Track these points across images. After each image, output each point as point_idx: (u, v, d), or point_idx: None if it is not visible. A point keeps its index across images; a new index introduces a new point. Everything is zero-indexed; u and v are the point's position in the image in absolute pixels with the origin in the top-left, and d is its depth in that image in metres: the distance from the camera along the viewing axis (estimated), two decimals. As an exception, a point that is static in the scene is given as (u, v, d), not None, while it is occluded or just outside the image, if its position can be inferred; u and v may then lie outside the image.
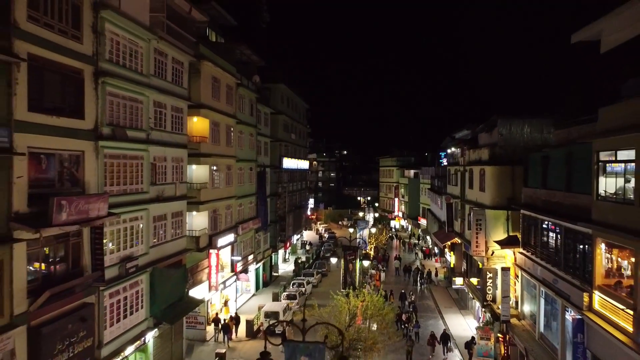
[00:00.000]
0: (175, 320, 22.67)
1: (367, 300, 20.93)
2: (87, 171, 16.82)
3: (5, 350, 13.29)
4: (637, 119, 12.80)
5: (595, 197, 15.10)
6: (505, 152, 26.17)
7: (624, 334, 12.99)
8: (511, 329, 23.06)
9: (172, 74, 23.34)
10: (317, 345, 9.48)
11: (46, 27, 14.77)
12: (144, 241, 20.67)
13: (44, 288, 14.60)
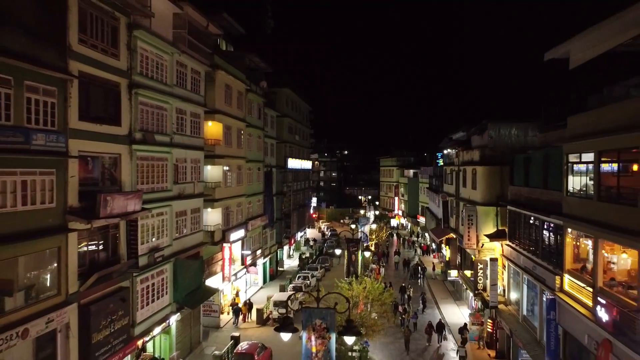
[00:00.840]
0: (195, 306, 25.10)
1: (369, 286, 23.31)
2: (123, 171, 19.25)
3: (62, 323, 15.70)
4: (595, 127, 15.18)
5: (565, 193, 17.50)
6: (494, 154, 28.55)
7: (586, 309, 15.39)
8: (499, 314, 25.48)
9: (191, 83, 25.75)
10: (329, 310, 11.88)
11: (92, 47, 17.20)
12: (168, 234, 23.07)
13: (90, 272, 17.03)
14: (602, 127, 14.69)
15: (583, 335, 15.61)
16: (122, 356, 18.83)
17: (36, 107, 14.51)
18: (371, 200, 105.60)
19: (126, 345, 19.00)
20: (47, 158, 14.81)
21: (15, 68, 13.51)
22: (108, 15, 18.06)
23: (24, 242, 13.94)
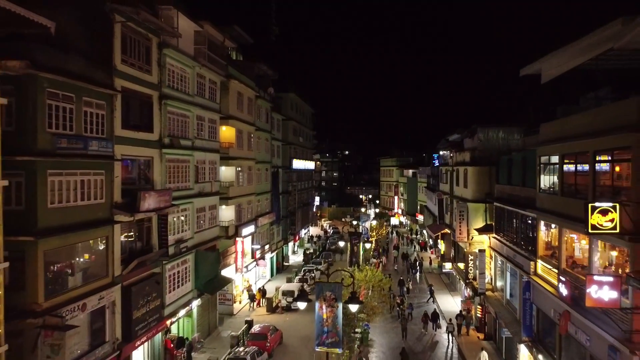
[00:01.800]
0: (214, 292, 27.97)
1: (369, 274, 26.14)
2: (155, 172, 22.11)
3: (110, 301, 18.55)
4: (559, 134, 18.01)
5: (538, 190, 20.33)
6: (483, 155, 31.36)
7: (553, 287, 18.21)
8: (486, 300, 28.29)
9: (209, 92, 28.61)
10: (337, 284, 14.71)
11: (131, 65, 20.07)
12: (190, 228, 25.93)
13: (130, 259, 19.88)
14: (564, 134, 17.53)
15: (550, 310, 18.44)
16: (154, 333, 21.71)
17: (90, 118, 17.36)
18: (372, 199, 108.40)
19: (158, 323, 21.88)
20: (99, 161, 17.66)
21: (76, 87, 16.37)
22: (143, 37, 20.92)
23: (82, 232, 16.79)
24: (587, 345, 15.09)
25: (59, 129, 15.72)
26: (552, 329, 18.74)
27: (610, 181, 14.40)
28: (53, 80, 15.27)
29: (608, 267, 15.21)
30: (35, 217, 14.80)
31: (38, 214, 14.84)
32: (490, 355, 25.38)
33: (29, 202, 14.82)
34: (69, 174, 16.14)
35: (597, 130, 14.75)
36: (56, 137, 15.52)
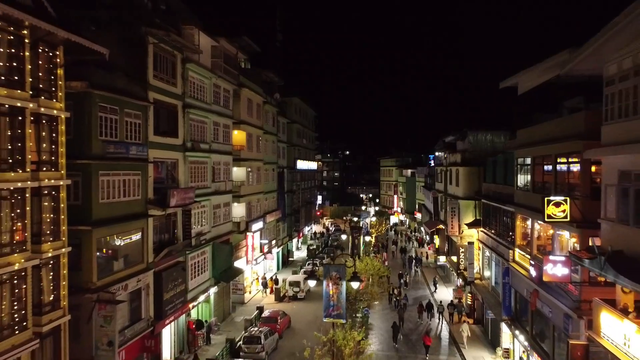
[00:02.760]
0: (229, 280, 30.96)
1: (369, 263, 29.10)
2: (180, 172, 25.11)
3: (145, 284, 21.53)
4: (530, 139, 20.98)
5: (515, 187, 23.30)
6: (473, 156, 34.32)
7: (525, 270, 21.17)
8: (475, 287, 31.27)
9: (223, 100, 31.59)
10: (341, 265, 17.67)
11: (160, 79, 23.07)
12: (208, 222, 28.90)
13: (160, 248, 22.85)
14: (534, 140, 20.49)
15: (524, 290, 21.40)
16: (180, 314, 24.71)
17: (130, 127, 20.36)
18: (372, 198, 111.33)
19: (183, 306, 24.88)
20: (137, 163, 20.65)
21: (120, 101, 19.37)
22: (170, 54, 23.92)
23: (124, 223, 19.78)
24: (550, 317, 18.05)
25: (107, 137, 18.73)
26: (526, 308, 21.69)
27: (567, 179, 17.36)
28: (104, 96, 18.28)
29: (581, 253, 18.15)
30: (90, 210, 17.79)
31: (92, 208, 17.84)
32: (476, 334, 28.35)
33: (85, 198, 17.81)
34: (114, 174, 19.13)
35: (558, 137, 17.72)
36: (105, 144, 18.53)
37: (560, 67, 14.96)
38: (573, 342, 14.20)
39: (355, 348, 17.20)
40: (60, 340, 16.45)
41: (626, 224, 12.13)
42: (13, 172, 13.95)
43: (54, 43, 15.78)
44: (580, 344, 14.02)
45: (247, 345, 25.20)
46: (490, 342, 28.00)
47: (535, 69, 18.02)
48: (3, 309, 13.76)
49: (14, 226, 14.06)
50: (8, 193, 13.85)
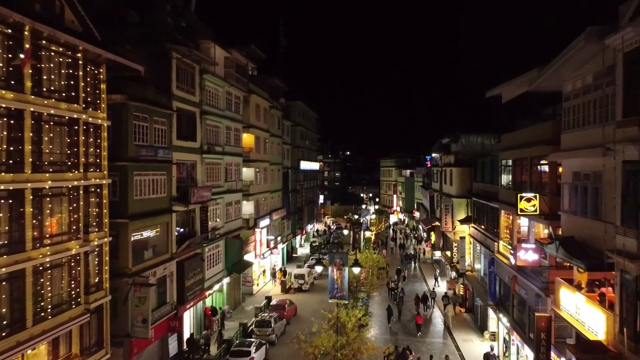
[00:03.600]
0: (240, 271, 33.70)
1: (369, 256, 31.81)
2: (198, 173, 27.84)
3: (169, 271, 24.24)
4: (511, 144, 23.69)
5: (500, 186, 26.01)
6: (465, 158, 37.01)
7: (507, 260, 23.88)
8: (466, 278, 33.98)
9: (234, 106, 34.31)
10: (344, 254, 20.38)
11: (181, 90, 25.80)
12: (221, 218, 31.62)
13: (181, 240, 25.56)
14: (514, 144, 23.21)
15: (506, 277, 24.11)
16: (198, 300, 27.42)
17: (158, 132, 23.09)
18: (372, 198, 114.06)
19: (201, 293, 27.60)
20: (163, 164, 23.37)
21: (150, 110, 22.10)
22: (189, 67, 26.66)
23: (153, 217, 22.49)
24: (526, 298, 20.75)
25: (140, 142, 21.46)
26: (508, 293, 24.38)
27: (540, 179, 20.07)
28: (137, 106, 21.02)
29: (543, 240, 20.85)
30: (126, 205, 20.51)
31: (129, 203, 20.57)
32: (467, 321, 31.05)
33: (122, 194, 20.52)
34: (145, 174, 21.86)
35: (532, 142, 20.43)
36: (138, 148, 21.26)
37: (530, 84, 17.66)
38: (538, 315, 16.88)
39: (356, 323, 19.90)
40: (103, 317, 19.17)
41: (576, 214, 14.82)
42: (70, 172, 16.68)
43: (98, 62, 18.50)
44: (544, 315, 16.70)
45: (258, 328, 27.92)
46: (479, 327, 30.70)
47: (512, 82, 20.69)
48: (63, 287, 16.49)
49: (71, 218, 16.80)
50: (67, 190, 16.58)
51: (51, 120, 15.82)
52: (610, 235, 12.39)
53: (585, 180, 14.47)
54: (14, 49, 14.24)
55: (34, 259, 14.92)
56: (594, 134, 13.52)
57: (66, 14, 17.27)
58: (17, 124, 14.38)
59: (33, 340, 14.87)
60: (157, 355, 23.89)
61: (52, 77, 15.89)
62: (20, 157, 14.49)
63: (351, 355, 18.19)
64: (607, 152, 12.34)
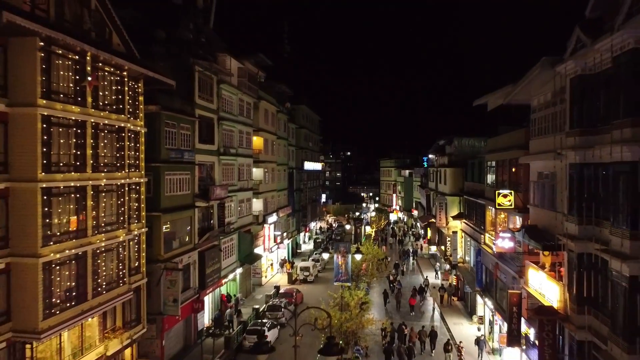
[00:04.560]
0: (251, 263, 36.91)
1: (369, 248, 35.01)
2: (216, 173, 31.04)
3: (192, 260, 27.42)
4: (494, 147, 26.86)
5: (486, 185, 29.20)
6: (458, 159, 40.18)
7: (491, 249, 27.06)
8: (458, 269, 37.16)
9: (246, 111, 37.50)
10: (347, 242, 23.57)
11: (202, 99, 29.00)
12: (235, 214, 34.80)
13: (202, 233, 28.74)
14: (497, 147, 26.40)
15: (490, 265, 27.30)
16: (216, 287, 30.62)
17: (183, 137, 26.28)
18: (372, 197, 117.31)
19: (218, 280, 30.80)
20: (188, 165, 26.57)
21: (178, 117, 25.30)
22: (208, 78, 29.85)
23: (180, 211, 25.68)
24: (505, 281, 23.93)
25: (169, 145, 24.66)
26: (492, 279, 27.58)
27: (516, 178, 23.25)
28: (168, 115, 24.23)
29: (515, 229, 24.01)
30: (159, 201, 23.71)
31: (161, 199, 23.77)
32: (458, 308, 34.21)
33: (155, 191, 23.70)
34: (174, 174, 25.07)
35: (509, 146, 23.62)
36: (169, 151, 24.47)
37: (504, 97, 20.85)
38: (511, 292, 20.04)
39: (358, 301, 23.06)
40: (141, 296, 22.38)
41: (539, 207, 17.99)
42: (118, 172, 19.89)
43: (138, 78, 21.70)
44: (515, 292, 19.86)
45: (270, 312, 31.12)
46: (469, 312, 33.88)
47: (494, 94, 23.87)
48: (112, 268, 19.69)
49: (119, 210, 20.00)
50: (116, 187, 19.78)
51: (105, 129, 19.03)
52: (561, 222, 15.56)
53: (545, 179, 17.64)
54: (79, 71, 17.43)
55: (93, 244, 18.12)
56: (551, 141, 16.65)
57: (114, 39, 20.49)
58: (81, 132, 17.57)
59: (92, 311, 18.07)
60: (182, 334, 27.14)
61: (105, 92, 19.09)
62: (83, 160, 17.68)
63: (354, 327, 21.39)
64: (558, 156, 15.51)
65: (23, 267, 15.35)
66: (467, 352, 25.71)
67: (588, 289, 13.97)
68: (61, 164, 16.60)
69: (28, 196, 15.33)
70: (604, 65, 13.03)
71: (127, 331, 21.27)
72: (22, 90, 15.25)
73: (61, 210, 16.57)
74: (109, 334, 20.19)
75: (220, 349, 26.27)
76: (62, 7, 17.43)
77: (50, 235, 15.95)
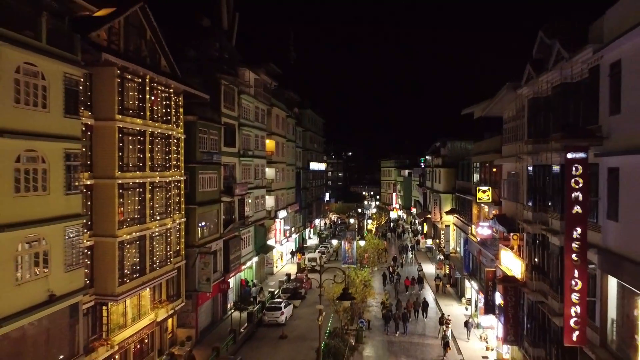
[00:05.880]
0: (266, 252, 41.42)
1: (371, 240, 39.45)
2: (237, 172, 35.50)
3: (219, 247, 31.85)
4: (478, 151, 31.28)
5: (472, 183, 33.63)
6: (450, 160, 44.61)
7: (475, 238, 31.47)
8: (450, 259, 41.60)
9: (260, 117, 41.96)
10: (353, 230, 27.97)
11: (226, 108, 33.46)
12: (251, 209, 39.24)
13: (227, 224, 33.19)
14: (479, 151, 30.82)
15: (474, 252, 31.73)
16: (237, 272, 35.05)
17: (212, 142, 30.73)
18: (373, 196, 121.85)
19: (239, 266, 35.24)
20: (216, 165, 31.01)
21: (209, 125, 29.75)
22: (231, 89, 34.30)
23: (209, 205, 30.13)
24: (485, 264, 28.34)
25: (202, 149, 29.12)
26: (477, 265, 32.02)
27: (495, 177, 27.68)
28: (202, 123, 28.70)
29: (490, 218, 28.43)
30: (195, 195, 28.15)
31: (196, 194, 28.21)
32: (450, 292, 38.67)
33: (191, 188, 28.12)
34: (205, 173, 29.52)
35: (489, 150, 28.04)
36: (202, 153, 28.92)
37: (482, 110, 25.30)
38: (487, 269, 24.46)
39: (362, 280, 27.47)
40: (180, 275, 26.81)
41: (508, 200, 22.39)
42: (167, 171, 24.35)
43: (179, 93, 26.15)
44: (491, 270, 24.27)
45: (284, 294, 35.58)
46: (459, 295, 38.32)
47: (476, 106, 28.30)
48: (162, 250, 24.12)
49: (167, 203, 24.45)
50: (165, 184, 24.24)
51: (157, 137, 23.49)
52: (521, 211, 19.96)
53: (513, 178, 22.07)
54: (141, 90, 21.88)
55: (150, 229, 22.57)
56: (516, 147, 21.03)
57: (162, 62, 24.96)
58: (141, 140, 22.01)
59: (149, 283, 22.53)
60: (211, 310, 31.59)
61: (158, 107, 23.56)
62: (143, 162, 22.12)
63: (359, 299, 25.82)
64: (519, 160, 19.91)
65: (104, 245, 19.80)
66: (454, 325, 30.15)
67: (538, 260, 18.35)
68: (129, 164, 21.06)
69: (108, 190, 19.79)
70: (546, 92, 17.37)
71: (170, 303, 25.72)
72: (104, 107, 19.70)
73: (130, 201, 21.04)
74: (157, 305, 24.65)
75: (244, 323, 30.71)
76: (128, 40, 21.91)
77: (122, 221, 20.41)
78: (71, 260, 17.02)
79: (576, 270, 13.01)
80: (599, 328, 12.93)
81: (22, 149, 14.80)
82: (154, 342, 25.01)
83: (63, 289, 16.51)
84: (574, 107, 14.74)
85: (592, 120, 13.46)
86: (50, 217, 15.85)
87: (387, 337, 29.51)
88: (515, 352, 22.59)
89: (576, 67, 14.19)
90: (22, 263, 14.86)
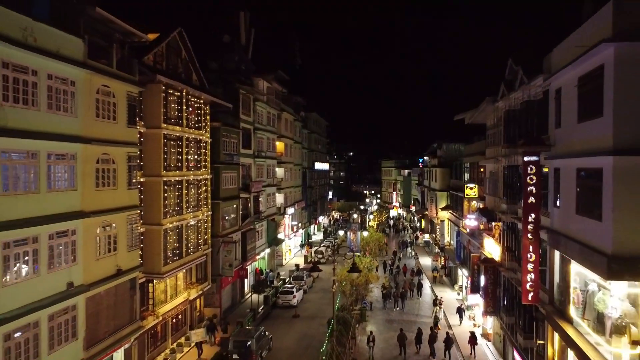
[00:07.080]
0: (277, 245, 45.48)
1: (372, 234, 43.46)
2: (252, 172, 39.54)
3: (238, 238, 35.90)
4: (468, 153, 35.28)
5: (463, 181, 37.63)
6: (446, 160, 48.61)
7: (465, 230, 35.47)
8: (445, 251, 45.62)
9: (271, 121, 46.00)
10: (357, 223, 31.95)
11: (243, 114, 37.51)
12: (264, 205, 43.29)
13: (244, 218, 37.23)
14: (469, 153, 34.83)
15: (465, 242, 35.74)
16: (252, 261, 39.10)
17: (232, 144, 34.77)
18: (374, 194, 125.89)
19: (254, 256, 39.29)
20: (235, 165, 35.05)
21: (229, 130, 33.80)
22: (248, 98, 38.34)
23: (230, 200, 34.16)
24: (473, 252, 32.36)
25: (225, 150, 33.16)
26: (467, 254, 36.01)
27: (481, 175, 31.68)
28: (225, 128, 32.76)
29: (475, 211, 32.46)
30: (219, 192, 32.20)
31: (220, 190, 32.27)
32: (445, 281, 42.72)
33: (216, 185, 32.17)
34: (227, 172, 33.58)
35: (476, 152, 32.03)
36: (225, 154, 32.97)
37: (469, 118, 29.30)
38: (473, 254, 28.47)
39: (366, 265, 31.50)
40: (207, 261, 30.86)
41: (490, 195, 26.42)
42: (198, 171, 28.40)
43: (207, 102, 30.19)
44: (476, 255, 28.27)
45: (295, 281, 39.64)
46: (452, 283, 42.36)
47: (466, 113, 32.33)
48: (194, 238, 28.16)
49: (198, 198, 28.50)
50: (196, 181, 28.29)
51: (192, 141, 27.54)
52: (499, 204, 23.96)
53: (494, 176, 26.10)
54: (179, 102, 25.93)
55: (186, 220, 26.63)
56: (495, 150, 25.02)
57: (193, 76, 29.02)
58: (179, 144, 26.05)
59: (185, 265, 26.58)
60: (231, 294, 35.64)
61: (192, 115, 27.61)
62: (180, 163, 26.18)
63: (363, 281, 29.89)
64: (497, 161, 23.90)
65: (152, 232, 23.85)
66: (446, 306, 34.20)
67: (510, 244, 22.37)
68: (171, 165, 25.12)
69: (155, 186, 23.85)
70: (515, 107, 21.38)
71: (199, 285, 29.77)
72: (152, 117, 23.75)
73: (171, 196, 25.10)
74: (189, 285, 28.70)
75: (261, 305, 34.75)
76: (169, 59, 25.97)
77: (166, 212, 24.46)
78: (131, 242, 21.08)
79: (531, 246, 17.02)
80: (548, 290, 16.93)
81: (100, 153, 18.85)
82: (185, 318, 29.08)
83: (126, 265, 20.57)
84: (533, 120, 18.73)
85: (544, 131, 17.46)
86: (118, 207, 19.91)
87: (387, 316, 33.61)
88: (497, 327, 26.62)
89: (533, 89, 18.19)
90: (100, 242, 18.92)
